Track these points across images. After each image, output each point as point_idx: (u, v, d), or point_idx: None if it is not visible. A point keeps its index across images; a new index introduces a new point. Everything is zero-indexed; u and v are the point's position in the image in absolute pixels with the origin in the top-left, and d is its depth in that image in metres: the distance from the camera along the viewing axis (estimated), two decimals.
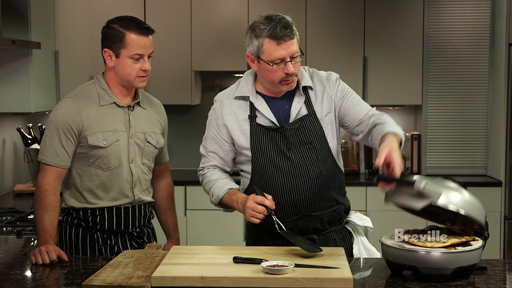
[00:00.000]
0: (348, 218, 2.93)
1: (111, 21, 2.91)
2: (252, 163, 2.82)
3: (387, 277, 2.43)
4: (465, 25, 5.60)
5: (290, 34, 2.69)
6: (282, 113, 2.81)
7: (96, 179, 2.91)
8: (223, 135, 2.86)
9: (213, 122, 2.90)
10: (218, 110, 2.88)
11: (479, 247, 2.38)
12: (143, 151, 2.99)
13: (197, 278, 2.30)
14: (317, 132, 2.80)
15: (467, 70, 5.64)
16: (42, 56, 4.58)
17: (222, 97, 2.92)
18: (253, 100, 2.82)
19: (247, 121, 2.82)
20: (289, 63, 2.69)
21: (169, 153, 3.44)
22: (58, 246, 2.76)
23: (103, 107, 2.91)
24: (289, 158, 2.77)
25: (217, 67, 5.73)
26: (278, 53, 2.69)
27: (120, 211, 2.96)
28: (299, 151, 2.78)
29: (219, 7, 5.63)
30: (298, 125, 2.78)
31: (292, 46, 2.70)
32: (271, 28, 2.68)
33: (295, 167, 2.77)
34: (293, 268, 2.34)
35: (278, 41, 2.68)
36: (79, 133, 2.86)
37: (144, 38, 2.87)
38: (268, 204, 2.61)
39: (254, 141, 2.79)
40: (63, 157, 2.86)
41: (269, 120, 2.79)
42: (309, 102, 2.82)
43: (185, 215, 5.38)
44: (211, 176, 2.89)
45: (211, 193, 2.85)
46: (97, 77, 2.98)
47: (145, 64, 2.89)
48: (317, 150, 2.79)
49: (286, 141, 2.78)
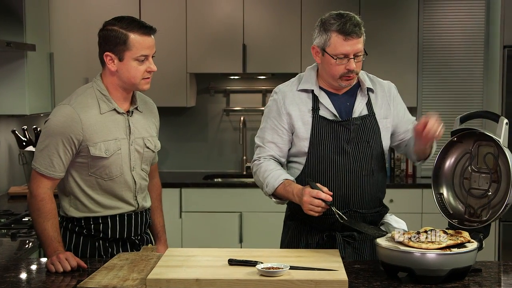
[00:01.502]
0: (384, 220, 2.96)
1: (110, 22, 2.78)
2: (308, 154, 2.85)
3: (383, 279, 2.43)
4: (460, 27, 5.62)
5: (358, 32, 2.76)
6: (343, 109, 2.87)
7: (98, 188, 2.81)
8: (284, 124, 2.88)
9: (273, 112, 2.91)
10: (280, 101, 2.90)
11: (474, 249, 2.39)
12: (143, 156, 2.90)
13: (192, 280, 2.29)
14: (375, 133, 2.88)
15: (462, 73, 5.65)
16: (37, 58, 4.57)
17: (284, 89, 2.94)
18: (317, 93, 2.87)
19: (309, 113, 2.86)
20: (352, 60, 2.76)
21: (164, 156, 3.44)
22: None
23: (104, 114, 2.79)
24: (347, 152, 2.82)
25: (212, 69, 5.74)
26: (343, 48, 2.75)
27: (123, 219, 2.87)
28: (357, 147, 2.84)
29: (215, 9, 5.63)
30: (360, 122, 2.85)
31: (358, 45, 2.76)
32: (341, 23, 2.75)
33: (350, 162, 2.82)
34: (288, 270, 2.34)
35: (345, 37, 2.74)
36: (80, 144, 2.74)
37: (148, 38, 2.77)
38: (323, 197, 2.63)
39: (315, 132, 2.83)
40: (59, 167, 2.75)
41: (332, 114, 2.85)
42: (370, 104, 2.90)
43: (180, 217, 5.38)
44: (267, 166, 2.87)
45: (266, 182, 2.84)
46: (95, 81, 2.85)
47: (151, 65, 2.79)
48: (373, 150, 2.86)
49: (348, 135, 2.83)
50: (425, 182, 5.41)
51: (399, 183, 5.49)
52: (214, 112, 6.13)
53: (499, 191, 2.59)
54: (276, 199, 2.88)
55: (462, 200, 2.72)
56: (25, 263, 2.80)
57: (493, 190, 2.61)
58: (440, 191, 2.78)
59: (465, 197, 2.71)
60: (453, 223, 2.66)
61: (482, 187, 2.65)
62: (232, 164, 6.14)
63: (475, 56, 5.63)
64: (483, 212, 2.64)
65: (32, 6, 4.50)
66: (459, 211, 2.72)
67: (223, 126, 6.11)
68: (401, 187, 5.39)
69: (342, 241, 2.83)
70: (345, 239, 2.84)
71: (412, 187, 5.42)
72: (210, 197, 5.39)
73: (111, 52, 2.76)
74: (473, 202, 2.68)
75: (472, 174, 2.70)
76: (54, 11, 4.94)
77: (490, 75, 5.50)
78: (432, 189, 2.80)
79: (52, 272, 2.54)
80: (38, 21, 4.65)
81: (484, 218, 2.61)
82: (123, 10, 5.41)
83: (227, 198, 5.41)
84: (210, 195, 5.40)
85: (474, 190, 2.68)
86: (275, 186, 2.80)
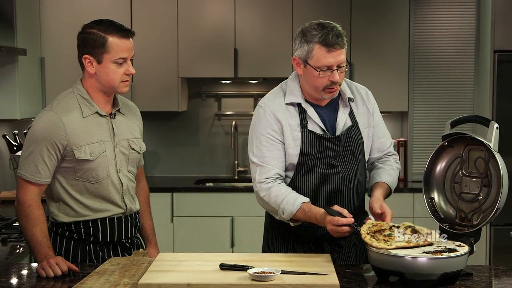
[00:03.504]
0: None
1: (88, 25, 2.81)
2: (297, 167, 2.82)
3: (374, 283, 2.44)
4: (451, 32, 5.63)
5: (340, 43, 2.71)
6: (328, 122, 2.84)
7: (86, 192, 2.81)
8: (279, 137, 2.81)
9: (266, 128, 2.81)
10: (271, 115, 2.81)
11: (465, 253, 2.40)
12: (128, 158, 2.91)
13: (183, 285, 2.29)
14: (360, 144, 2.87)
15: (453, 77, 5.67)
16: (28, 63, 4.57)
17: (271, 103, 2.84)
18: (305, 107, 2.83)
19: (298, 128, 2.81)
20: (335, 72, 2.72)
21: (156, 160, 3.44)
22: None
23: (87, 118, 2.80)
24: (334, 167, 2.81)
25: (203, 74, 5.73)
26: (326, 60, 2.70)
27: (113, 222, 2.87)
28: (344, 160, 2.83)
29: (206, 14, 5.63)
30: (346, 135, 2.83)
31: (341, 56, 2.72)
32: (323, 34, 2.70)
33: (339, 176, 2.81)
34: (280, 275, 2.34)
35: (328, 48, 2.70)
36: (64, 148, 2.74)
37: (126, 41, 2.78)
38: (345, 221, 2.56)
39: (305, 147, 2.80)
40: (44, 173, 2.74)
41: (320, 128, 2.81)
42: (352, 113, 2.88)
43: (171, 222, 5.37)
44: (279, 190, 2.75)
45: (282, 209, 2.73)
46: (76, 86, 2.86)
47: (130, 68, 2.80)
48: (359, 161, 2.86)
49: (336, 150, 2.81)
50: (416, 186, 5.42)
51: None
52: (206, 117, 6.13)
53: (489, 196, 2.60)
54: (293, 223, 2.79)
55: (453, 204, 2.73)
56: (16, 268, 2.79)
57: (484, 195, 2.62)
58: (431, 195, 2.79)
59: (456, 201, 2.72)
60: (444, 227, 2.67)
61: (473, 192, 2.66)
62: (224, 168, 6.13)
63: (466, 61, 5.64)
64: (474, 216, 2.65)
65: (23, 10, 4.49)
66: (450, 215, 2.73)
67: (214, 130, 6.11)
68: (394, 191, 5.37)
69: (330, 249, 2.83)
70: (332, 247, 2.84)
71: (403, 191, 5.42)
72: (202, 202, 5.39)
73: (90, 55, 2.79)
74: (464, 206, 2.69)
75: (463, 179, 2.71)
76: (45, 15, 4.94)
77: (481, 79, 5.52)
78: (423, 194, 2.80)
79: (43, 277, 2.54)
80: (29, 26, 4.65)
81: (475, 223, 2.62)
82: (114, 15, 5.41)
83: (218, 202, 5.40)
84: (202, 200, 5.39)
85: (465, 194, 2.69)
86: (294, 212, 2.71)
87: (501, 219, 5.33)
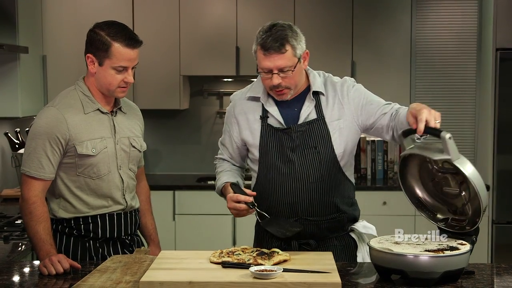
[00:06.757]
0: (353, 226, 2.93)
1: (99, 26, 2.81)
2: (259, 162, 2.86)
3: (376, 281, 2.44)
4: (453, 30, 5.63)
5: (277, 49, 2.67)
6: (290, 116, 2.83)
7: (86, 188, 2.82)
8: (234, 132, 2.93)
9: (228, 118, 2.99)
10: (231, 109, 2.97)
11: (467, 251, 2.39)
12: (129, 156, 2.93)
13: (185, 283, 2.29)
14: (324, 137, 2.81)
15: (455, 75, 5.67)
16: (30, 61, 4.57)
17: (235, 97, 2.99)
18: (264, 101, 2.86)
19: (258, 122, 2.85)
20: (275, 75, 2.70)
21: (158, 158, 3.44)
22: None
23: (88, 114, 2.83)
24: (291, 160, 2.80)
25: (205, 72, 5.73)
26: (264, 63, 2.71)
27: (113, 218, 2.89)
28: (303, 154, 2.80)
29: (208, 12, 5.63)
30: (305, 128, 2.80)
31: (279, 61, 2.69)
32: (263, 38, 2.70)
33: (296, 170, 2.79)
34: (282, 273, 2.34)
35: (264, 52, 2.70)
36: (66, 143, 2.76)
37: (131, 51, 2.78)
38: (242, 199, 2.69)
39: (264, 141, 2.83)
40: (48, 169, 2.75)
41: (278, 121, 2.83)
42: (319, 107, 2.84)
43: (173, 219, 5.37)
44: (219, 167, 3.03)
45: (216, 184, 2.96)
46: (78, 83, 2.89)
47: (129, 77, 2.80)
48: (321, 155, 2.81)
49: (291, 143, 2.80)
50: None
51: (392, 186, 5.48)
52: (208, 115, 6.13)
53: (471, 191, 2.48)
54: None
55: (441, 201, 2.65)
56: (18, 266, 2.79)
57: (465, 189, 2.53)
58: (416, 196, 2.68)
59: (443, 198, 2.64)
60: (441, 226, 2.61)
61: (455, 188, 2.56)
62: None
63: (468, 59, 5.64)
64: (465, 208, 2.57)
65: (25, 8, 4.49)
66: (444, 211, 2.65)
67: (216, 128, 6.11)
68: (394, 190, 5.37)
69: (298, 247, 2.81)
70: (302, 246, 2.83)
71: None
72: (204, 200, 5.39)
73: (93, 55, 2.81)
74: (452, 201, 2.61)
75: (441, 176, 2.59)
76: (47, 13, 4.94)
77: (483, 77, 5.51)
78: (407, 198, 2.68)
79: (45, 275, 2.54)
80: (31, 24, 4.65)
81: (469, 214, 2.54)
82: (116, 13, 5.42)
83: (220, 200, 5.35)
84: (204, 198, 5.39)
85: (448, 190, 2.60)
86: (220, 189, 2.93)
87: (503, 217, 5.33)
